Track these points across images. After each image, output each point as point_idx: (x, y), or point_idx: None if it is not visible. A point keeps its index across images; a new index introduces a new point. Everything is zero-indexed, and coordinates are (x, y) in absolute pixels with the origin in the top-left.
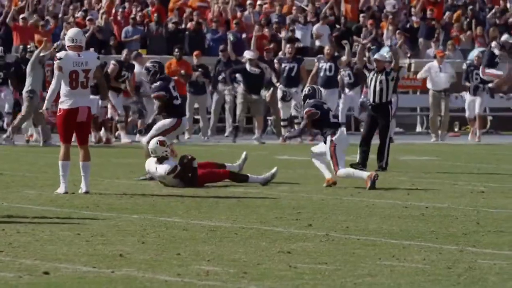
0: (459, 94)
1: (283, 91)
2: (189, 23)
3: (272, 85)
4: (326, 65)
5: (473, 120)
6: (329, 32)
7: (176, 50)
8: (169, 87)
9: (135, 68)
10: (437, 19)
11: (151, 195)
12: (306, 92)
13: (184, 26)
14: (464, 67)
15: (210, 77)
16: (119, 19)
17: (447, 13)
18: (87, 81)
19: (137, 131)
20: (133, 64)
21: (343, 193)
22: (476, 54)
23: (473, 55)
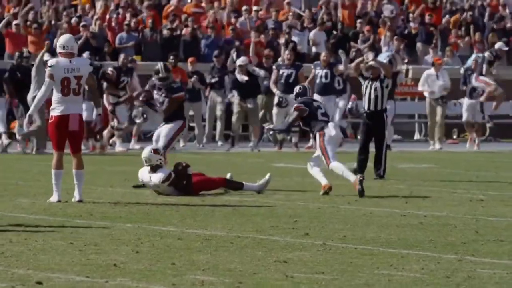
0: (457, 101)
1: (279, 97)
2: (184, 29)
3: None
4: (322, 72)
5: (471, 126)
6: (326, 38)
7: (171, 58)
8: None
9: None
10: (435, 25)
11: (145, 204)
12: (297, 91)
13: (180, 33)
14: (462, 72)
15: (206, 84)
16: (113, 25)
17: (446, 17)
18: (79, 87)
19: (146, 135)
20: (131, 68)
21: (340, 201)
22: (473, 58)
23: (471, 60)
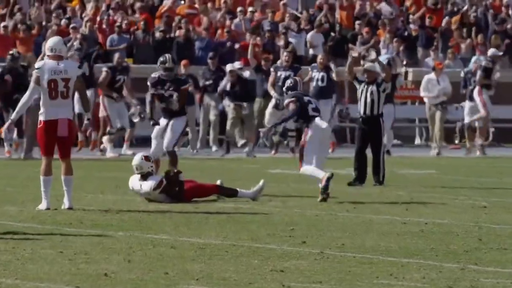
0: (459, 105)
1: (276, 99)
2: (178, 31)
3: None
4: (318, 74)
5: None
6: (323, 40)
7: None
8: None
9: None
10: (436, 28)
11: (137, 211)
12: (288, 85)
13: (173, 35)
14: (462, 75)
15: (200, 87)
16: (104, 27)
17: (446, 18)
18: (68, 91)
19: (153, 123)
20: (127, 66)
21: (338, 208)
22: (474, 60)
23: (472, 63)
